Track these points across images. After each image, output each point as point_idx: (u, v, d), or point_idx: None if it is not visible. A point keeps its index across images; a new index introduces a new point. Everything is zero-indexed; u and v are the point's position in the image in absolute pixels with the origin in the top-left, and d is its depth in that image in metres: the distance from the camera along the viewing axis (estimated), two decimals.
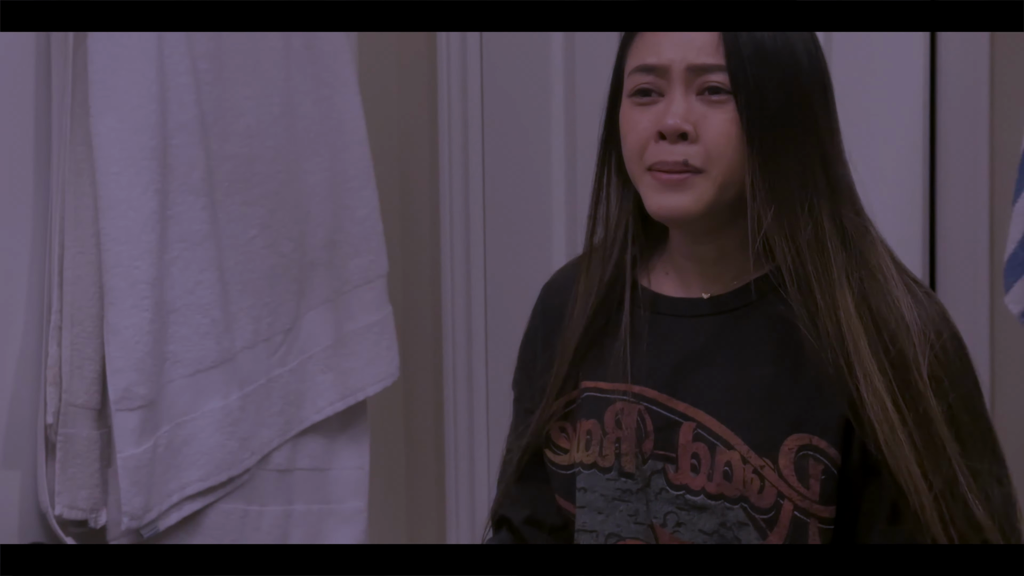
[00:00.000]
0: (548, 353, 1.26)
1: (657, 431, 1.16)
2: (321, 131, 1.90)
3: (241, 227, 1.78)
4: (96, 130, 1.61)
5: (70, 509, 1.66)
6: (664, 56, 1.12)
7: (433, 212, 2.29)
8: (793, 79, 1.11)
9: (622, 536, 1.17)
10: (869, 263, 1.12)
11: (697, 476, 1.14)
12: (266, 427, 1.83)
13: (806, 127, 1.12)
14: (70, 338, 1.64)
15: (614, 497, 1.18)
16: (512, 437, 1.30)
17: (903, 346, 1.10)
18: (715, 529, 1.14)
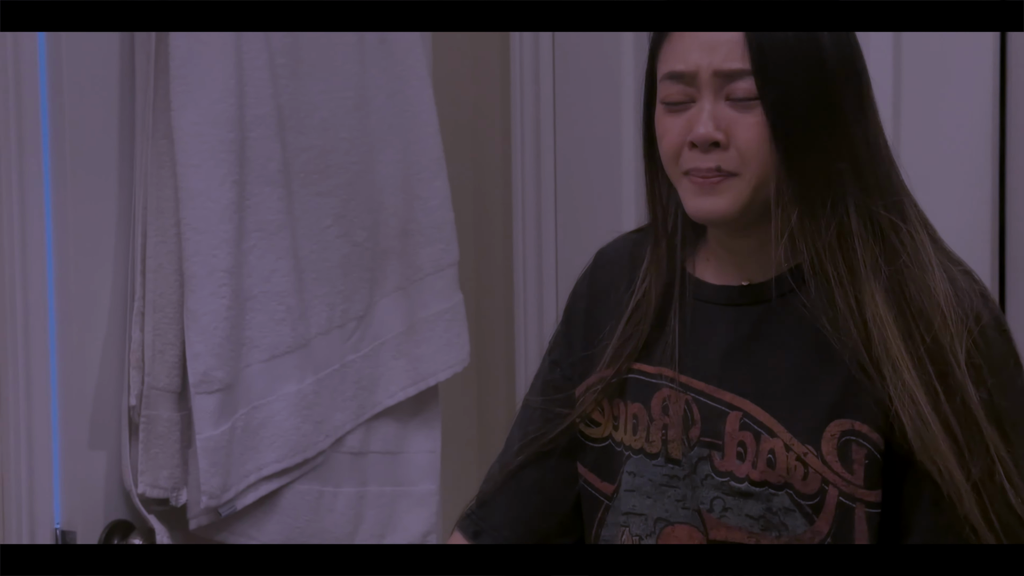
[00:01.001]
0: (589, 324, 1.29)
1: (704, 420, 1.19)
2: (394, 123, 1.94)
3: (316, 217, 1.83)
4: (177, 124, 1.66)
5: (152, 488, 1.71)
6: (691, 62, 1.13)
7: (506, 201, 2.33)
8: (820, 79, 1.12)
9: (670, 521, 1.21)
10: (902, 255, 1.13)
11: (743, 464, 1.17)
12: (340, 411, 1.88)
13: (835, 126, 1.13)
14: (152, 324, 1.70)
15: (661, 483, 1.21)
16: (532, 390, 1.34)
17: (939, 336, 1.11)
18: (761, 514, 1.16)
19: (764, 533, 1.17)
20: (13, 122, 1.64)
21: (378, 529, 1.94)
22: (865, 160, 1.15)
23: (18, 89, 1.64)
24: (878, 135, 1.17)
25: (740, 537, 1.18)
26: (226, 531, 1.77)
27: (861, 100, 1.16)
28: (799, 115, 1.12)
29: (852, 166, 1.14)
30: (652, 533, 1.23)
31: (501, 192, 2.33)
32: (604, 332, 1.27)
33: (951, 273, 1.16)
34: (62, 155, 1.67)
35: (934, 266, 1.14)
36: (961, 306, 1.13)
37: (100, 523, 1.73)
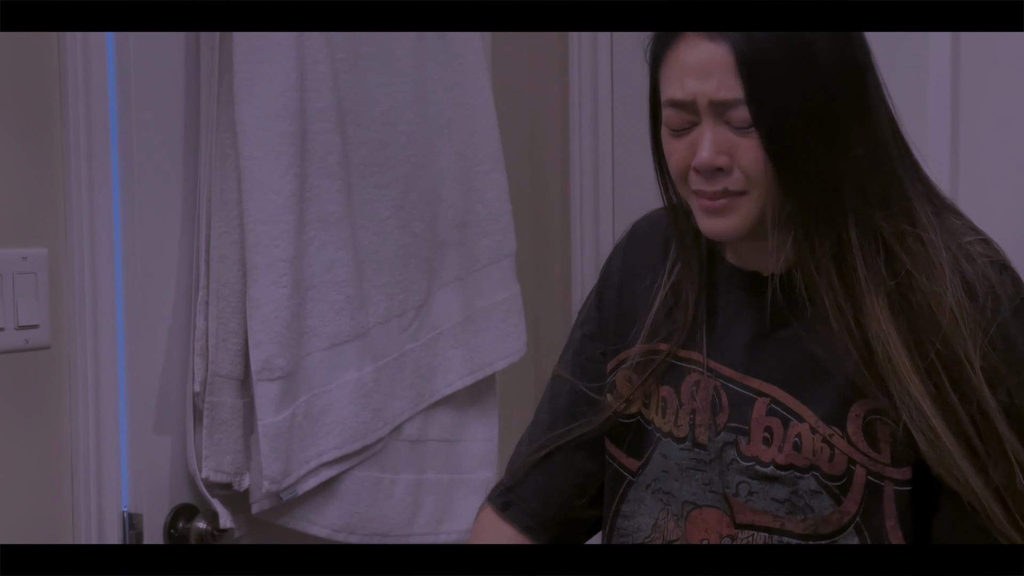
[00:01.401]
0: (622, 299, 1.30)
1: (732, 406, 1.20)
2: (452, 116, 1.96)
3: (375, 208, 1.86)
4: (240, 117, 1.69)
5: (216, 472, 1.75)
6: (688, 91, 1.13)
7: (564, 192, 2.35)
8: (815, 100, 1.10)
9: (697, 504, 1.22)
10: (907, 264, 1.12)
11: (768, 448, 1.18)
12: (398, 399, 1.91)
13: (833, 145, 1.11)
14: (216, 312, 1.73)
15: (689, 466, 1.23)
16: (562, 363, 1.36)
17: (951, 341, 1.10)
18: (787, 498, 1.18)
19: (789, 516, 1.18)
20: (83, 117, 1.68)
21: (435, 516, 1.97)
22: (867, 172, 1.13)
23: (87, 85, 1.68)
24: (885, 138, 1.14)
25: (766, 521, 1.19)
26: (287, 516, 1.80)
27: (863, 106, 1.13)
28: (795, 139, 1.10)
29: (852, 181, 1.12)
30: (680, 515, 1.25)
31: (559, 184, 2.35)
32: (637, 309, 1.28)
33: (967, 255, 1.14)
34: (129, 149, 1.71)
35: (944, 267, 1.12)
36: (976, 304, 1.12)
37: (166, 506, 1.77)
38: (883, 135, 1.14)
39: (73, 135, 1.69)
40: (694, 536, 1.24)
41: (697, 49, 1.12)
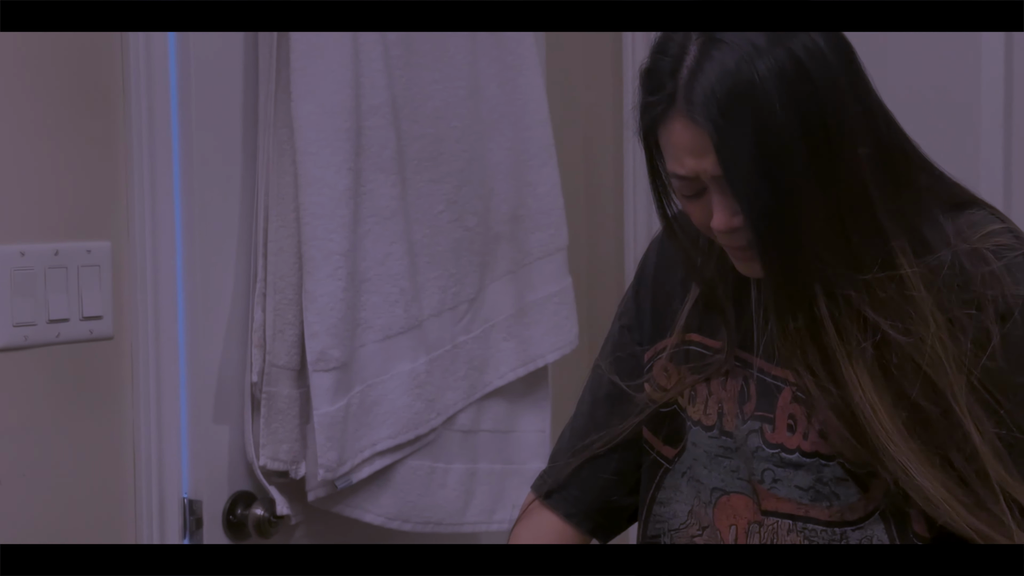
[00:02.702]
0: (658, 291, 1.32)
1: (759, 395, 1.22)
2: (505, 112, 1.98)
3: (429, 202, 1.89)
4: (296, 114, 1.73)
5: (273, 460, 1.78)
6: (689, 168, 1.14)
7: (617, 187, 2.37)
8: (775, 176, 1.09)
9: (726, 490, 1.24)
10: (884, 323, 1.12)
11: (792, 435, 1.20)
12: (451, 390, 1.93)
13: (797, 217, 1.10)
14: (273, 304, 1.76)
15: (717, 454, 1.25)
16: (602, 353, 1.38)
17: (937, 388, 1.12)
18: (811, 485, 1.19)
19: (814, 504, 1.20)
20: (145, 115, 1.73)
21: (488, 505, 1.99)
22: (834, 241, 1.12)
23: (149, 84, 1.73)
24: (859, 185, 1.12)
25: (790, 508, 1.21)
26: (342, 504, 1.84)
27: (834, 161, 1.11)
28: (761, 215, 1.11)
29: (817, 256, 1.11)
30: (709, 502, 1.26)
31: (612, 178, 2.37)
32: (672, 301, 1.30)
33: (979, 258, 1.14)
34: (190, 145, 1.75)
35: (927, 310, 1.12)
36: (964, 335, 1.12)
37: (224, 493, 1.81)
38: (855, 183, 1.12)
39: (136, 132, 1.73)
40: (722, 522, 1.26)
41: (687, 132, 1.12)
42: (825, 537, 1.21)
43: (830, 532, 1.20)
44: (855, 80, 1.14)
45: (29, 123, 1.63)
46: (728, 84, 1.09)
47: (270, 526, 1.82)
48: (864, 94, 1.15)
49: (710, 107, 1.09)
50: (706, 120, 1.09)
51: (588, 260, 2.35)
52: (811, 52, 1.10)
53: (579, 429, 1.40)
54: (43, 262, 1.65)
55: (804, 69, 1.09)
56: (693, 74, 1.11)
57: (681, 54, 1.13)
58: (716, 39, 1.11)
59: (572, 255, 2.12)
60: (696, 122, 1.11)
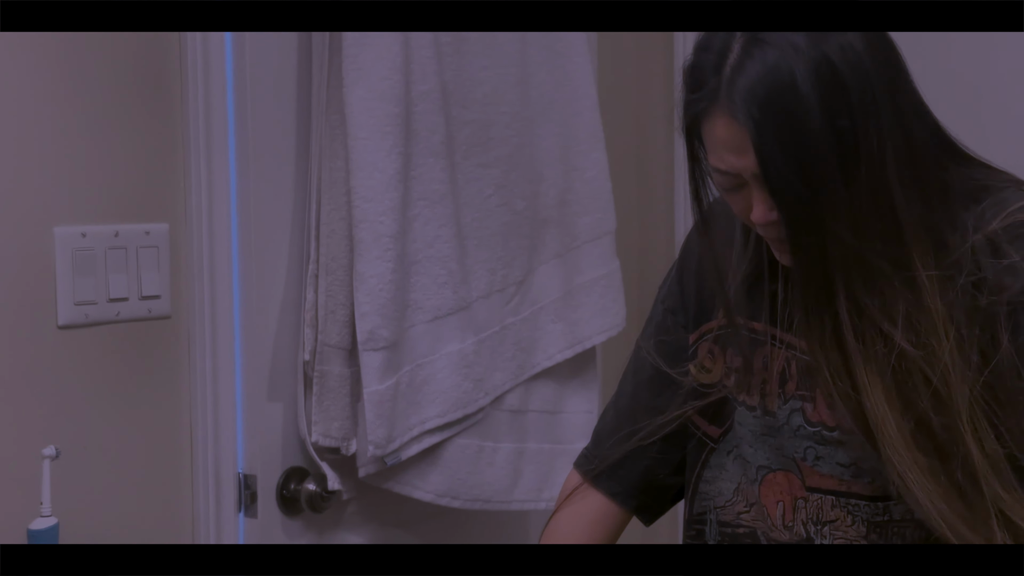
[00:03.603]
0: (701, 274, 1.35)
1: (800, 375, 1.25)
2: (554, 98, 2.01)
3: (477, 187, 1.92)
4: (348, 100, 1.76)
5: (325, 437, 1.83)
6: (729, 164, 1.16)
7: (668, 171, 2.40)
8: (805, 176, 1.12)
9: (772, 468, 1.27)
10: (898, 336, 1.14)
11: (833, 412, 1.22)
12: (499, 370, 1.96)
13: (823, 221, 1.13)
14: (325, 285, 1.80)
15: (761, 433, 1.28)
16: (645, 335, 1.41)
17: (945, 398, 1.14)
18: (852, 462, 1.22)
19: (855, 480, 1.22)
20: (202, 103, 1.78)
21: (536, 484, 2.03)
22: (858, 243, 1.14)
23: (206, 73, 1.77)
24: (885, 190, 1.14)
25: (833, 484, 1.24)
26: (392, 480, 1.88)
27: (860, 165, 1.13)
28: (793, 214, 1.14)
29: (844, 255, 1.14)
30: (755, 480, 1.29)
31: (663, 163, 2.40)
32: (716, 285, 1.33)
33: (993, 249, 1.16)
34: (245, 130, 1.79)
35: (940, 322, 1.15)
36: (972, 348, 1.15)
37: (278, 469, 1.86)
38: (880, 188, 1.14)
39: (192, 119, 1.78)
40: (768, 499, 1.28)
41: (728, 129, 1.15)
42: (868, 512, 1.23)
43: (873, 507, 1.23)
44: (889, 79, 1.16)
45: (91, 111, 1.69)
46: (768, 84, 1.12)
47: (322, 501, 1.87)
48: (897, 92, 1.17)
49: (751, 106, 1.12)
50: (747, 118, 1.12)
51: (639, 244, 2.38)
52: (846, 54, 1.12)
53: (623, 410, 1.43)
54: (104, 243, 1.71)
55: (838, 72, 1.12)
56: (735, 72, 1.13)
57: (724, 52, 1.15)
58: (759, 39, 1.14)
59: (623, 239, 2.15)
60: (737, 120, 1.13)
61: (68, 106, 1.66)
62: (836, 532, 1.24)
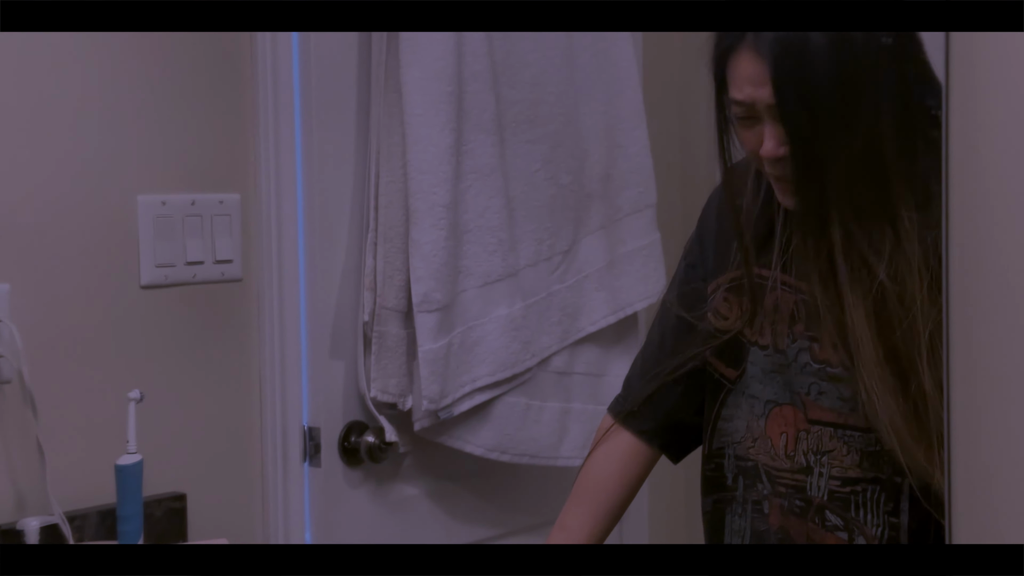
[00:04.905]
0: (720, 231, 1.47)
1: (807, 317, 1.36)
2: (598, 78, 2.11)
3: (525, 161, 2.02)
4: (404, 79, 1.87)
5: (383, 393, 1.94)
6: (747, 94, 1.30)
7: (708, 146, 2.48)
8: (817, 112, 1.26)
9: (778, 402, 1.39)
10: (882, 272, 1.27)
11: (836, 352, 1.33)
12: (546, 334, 2.07)
13: (831, 151, 1.26)
14: (383, 252, 1.91)
15: (771, 370, 1.39)
16: (670, 290, 1.53)
17: (913, 334, 1.26)
18: (851, 396, 1.33)
19: (852, 413, 1.34)
20: (270, 83, 1.90)
21: (581, 442, 2.13)
22: (854, 186, 1.28)
23: (274, 55, 1.89)
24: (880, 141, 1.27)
25: (832, 417, 1.35)
26: (445, 435, 2.00)
27: (858, 114, 1.27)
28: (802, 141, 1.27)
29: (840, 189, 1.28)
30: (762, 414, 1.41)
31: (704, 140, 2.48)
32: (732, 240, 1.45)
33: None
34: (310, 109, 1.91)
35: (915, 263, 1.27)
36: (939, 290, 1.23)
37: (340, 422, 1.98)
38: (873, 137, 1.27)
39: (262, 99, 1.90)
40: (773, 431, 1.40)
41: (752, 64, 1.29)
42: (862, 442, 1.34)
43: (866, 438, 1.34)
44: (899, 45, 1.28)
45: (172, 93, 1.82)
46: (793, 33, 1.26)
47: (380, 452, 1.98)
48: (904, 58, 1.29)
49: (774, 46, 1.27)
50: (768, 54, 1.27)
51: (682, 216, 2.48)
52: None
53: (649, 358, 1.55)
54: (181, 211, 1.84)
55: (853, 37, 1.26)
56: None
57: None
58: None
59: (665, 212, 2.25)
60: (761, 55, 1.28)
61: (152, 88, 1.80)
62: (833, 462, 1.36)
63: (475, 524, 2.16)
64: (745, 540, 1.44)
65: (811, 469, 1.37)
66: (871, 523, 1.34)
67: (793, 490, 1.38)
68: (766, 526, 1.40)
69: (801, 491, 1.37)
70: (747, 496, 1.43)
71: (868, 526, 1.34)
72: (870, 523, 1.34)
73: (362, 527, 2.01)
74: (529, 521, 2.20)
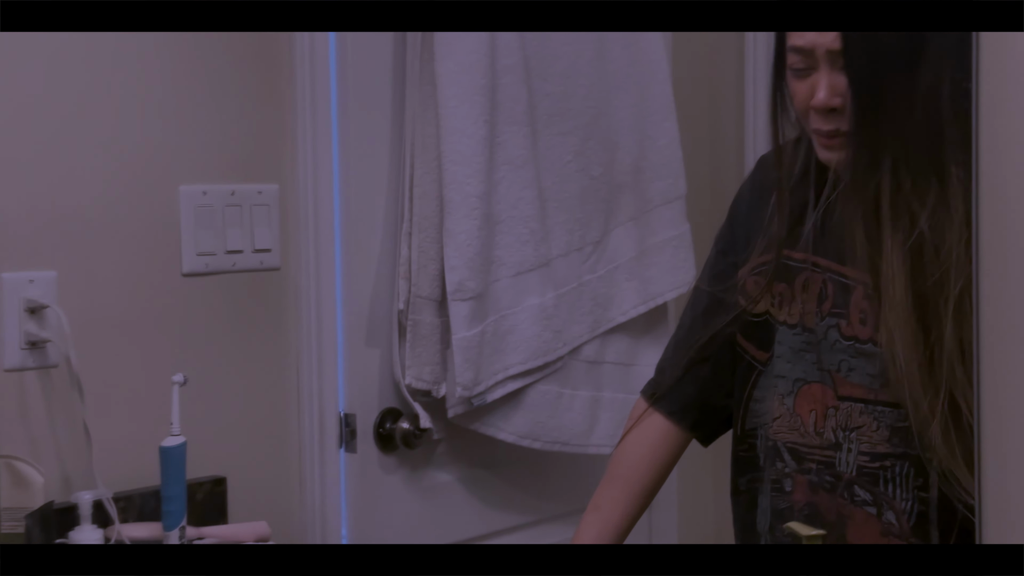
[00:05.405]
0: (752, 216, 1.50)
1: (834, 295, 1.39)
2: (629, 72, 2.14)
3: (557, 153, 2.05)
4: (438, 72, 1.91)
5: (417, 380, 1.97)
6: (808, 40, 1.34)
7: (738, 138, 2.52)
8: (886, 63, 1.30)
9: (807, 380, 1.42)
10: (924, 222, 1.31)
11: (864, 327, 1.37)
12: (577, 323, 2.10)
13: (893, 100, 1.30)
14: (417, 242, 1.95)
15: (800, 349, 1.42)
16: (702, 276, 1.57)
17: (944, 287, 1.29)
18: (880, 372, 1.36)
19: (883, 389, 1.37)
20: (308, 77, 1.94)
21: (611, 430, 2.15)
22: (912, 139, 1.31)
23: (312, 51, 1.93)
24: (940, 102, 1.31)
25: (862, 393, 1.38)
26: (478, 422, 2.03)
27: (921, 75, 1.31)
28: (867, 89, 1.31)
29: (896, 137, 1.31)
30: (791, 392, 1.44)
31: (734, 131, 2.53)
32: (762, 223, 1.48)
33: None
34: (346, 101, 1.94)
35: (957, 221, 1.31)
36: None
37: (375, 409, 2.01)
38: (932, 100, 1.31)
39: (300, 91, 1.94)
40: (802, 408, 1.43)
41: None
42: (892, 418, 1.37)
43: (896, 413, 1.37)
44: None
45: (213, 87, 1.86)
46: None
47: (415, 438, 2.02)
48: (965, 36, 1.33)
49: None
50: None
51: (711, 207, 2.50)
52: None
53: (681, 341, 1.59)
54: (221, 200, 1.88)
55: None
56: None
57: None
58: None
59: (695, 203, 2.28)
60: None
61: (194, 83, 1.85)
62: (862, 437, 1.39)
63: (507, 511, 2.19)
64: (766, 519, 1.47)
65: (840, 445, 1.40)
66: (900, 497, 1.36)
67: (823, 466, 1.41)
68: (787, 504, 1.43)
69: (830, 467, 1.40)
70: (767, 475, 1.46)
71: (897, 500, 1.36)
72: (899, 497, 1.36)
73: (396, 512, 2.04)
74: (560, 509, 2.24)
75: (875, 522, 1.38)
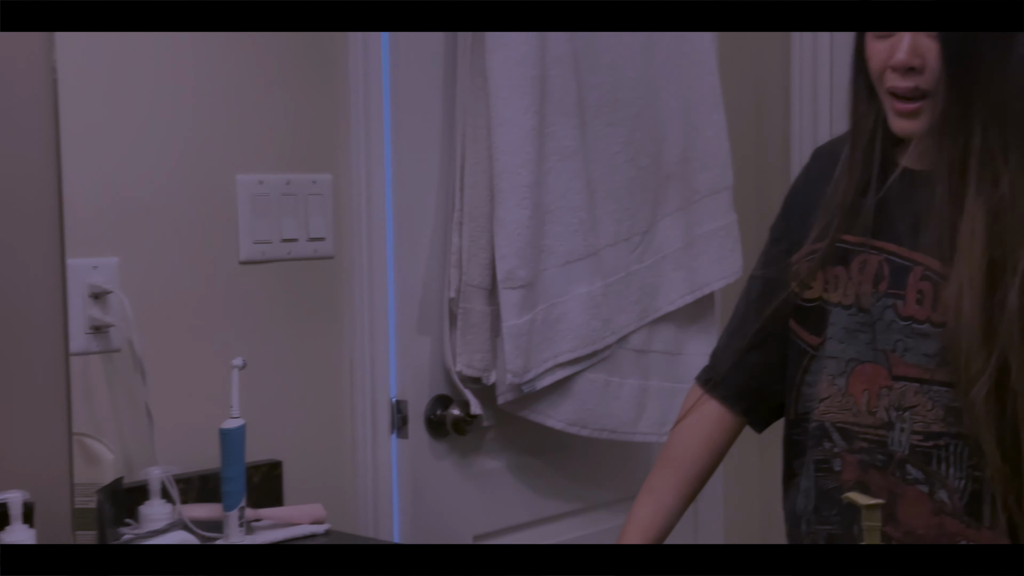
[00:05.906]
0: (806, 206, 1.52)
1: (892, 275, 1.41)
2: (676, 63, 2.16)
3: (606, 144, 2.08)
4: (489, 63, 1.93)
5: (468, 367, 2.00)
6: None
7: (784, 129, 2.54)
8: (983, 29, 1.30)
9: (860, 360, 1.44)
10: (1006, 185, 1.31)
11: (922, 308, 1.38)
12: (625, 312, 2.12)
13: (986, 65, 1.31)
14: (468, 231, 1.97)
15: (854, 329, 1.44)
16: (757, 266, 1.58)
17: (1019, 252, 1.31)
18: (936, 352, 1.38)
19: (939, 369, 1.38)
20: (361, 71, 1.97)
21: (658, 418, 2.19)
22: (1004, 103, 1.32)
23: (365, 45, 1.96)
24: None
25: (918, 373, 1.39)
26: (527, 409, 2.05)
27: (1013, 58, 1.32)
28: (960, 52, 1.32)
29: (989, 108, 1.32)
30: (844, 372, 1.45)
31: (780, 123, 2.55)
32: (818, 210, 1.50)
33: None
34: (399, 93, 1.97)
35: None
36: None
37: (426, 395, 2.04)
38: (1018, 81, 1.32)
39: (354, 86, 1.98)
40: (856, 388, 1.44)
41: None
42: (947, 397, 1.38)
43: (951, 393, 1.38)
44: None
45: (270, 80, 1.90)
46: None
47: (465, 425, 2.05)
48: None
49: None
50: None
51: (756, 197, 2.52)
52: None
53: (735, 329, 1.61)
54: (277, 190, 1.92)
55: None
56: None
57: None
58: None
59: (742, 194, 2.29)
60: None
61: (251, 76, 1.88)
62: (916, 417, 1.40)
63: (555, 498, 2.22)
64: (809, 500, 1.48)
65: (892, 424, 1.41)
66: (954, 476, 1.38)
67: (875, 445, 1.42)
68: (835, 483, 1.45)
69: (883, 446, 1.42)
70: (810, 456, 1.48)
71: (951, 479, 1.38)
72: (952, 476, 1.38)
73: (446, 498, 2.07)
74: (608, 496, 2.26)
75: (927, 500, 1.40)
